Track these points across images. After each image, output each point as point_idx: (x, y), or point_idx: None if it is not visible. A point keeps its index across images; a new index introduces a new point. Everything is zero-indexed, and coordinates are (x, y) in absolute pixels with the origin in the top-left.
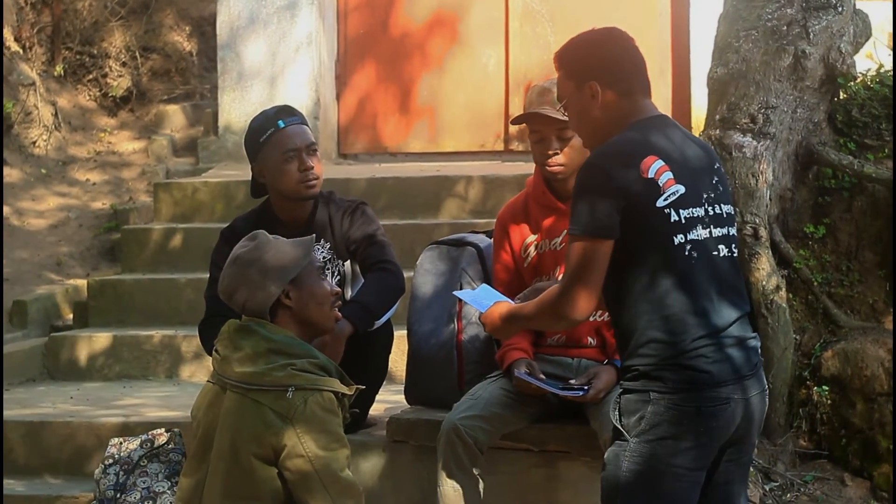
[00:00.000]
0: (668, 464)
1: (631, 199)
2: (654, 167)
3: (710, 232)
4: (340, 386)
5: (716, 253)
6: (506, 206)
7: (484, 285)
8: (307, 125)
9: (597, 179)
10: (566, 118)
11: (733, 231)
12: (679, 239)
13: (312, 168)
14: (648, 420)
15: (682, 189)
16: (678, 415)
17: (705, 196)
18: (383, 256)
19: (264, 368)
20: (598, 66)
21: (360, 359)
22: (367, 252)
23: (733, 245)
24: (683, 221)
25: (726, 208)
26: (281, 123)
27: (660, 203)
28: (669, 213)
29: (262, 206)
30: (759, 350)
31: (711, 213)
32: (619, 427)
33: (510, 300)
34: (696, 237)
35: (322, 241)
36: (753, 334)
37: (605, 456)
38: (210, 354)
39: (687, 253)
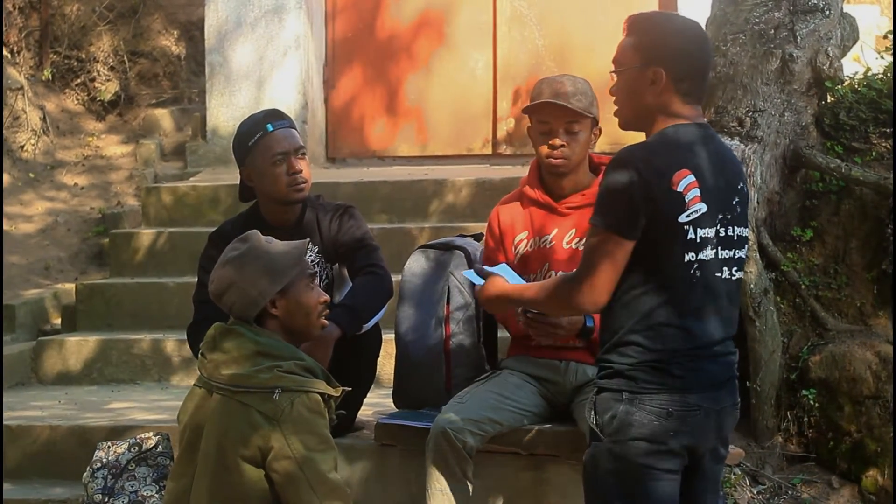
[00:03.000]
0: (641, 464)
1: (656, 208)
2: (685, 182)
3: (717, 253)
4: (327, 388)
5: (718, 274)
6: (500, 202)
7: (503, 265)
8: (295, 129)
9: (629, 179)
10: (578, 110)
11: (741, 254)
12: (689, 256)
13: (301, 171)
14: (620, 419)
15: (704, 208)
16: (648, 415)
17: (720, 217)
18: (372, 260)
19: (251, 370)
20: (672, 57)
21: (349, 362)
22: (356, 256)
23: (736, 268)
24: (699, 240)
25: (739, 230)
26: (269, 127)
27: (682, 219)
28: (688, 230)
29: (251, 210)
30: (737, 365)
31: (723, 234)
32: (594, 426)
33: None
34: (704, 257)
35: (310, 245)
36: (734, 350)
37: (584, 457)
38: (198, 358)
39: (692, 271)
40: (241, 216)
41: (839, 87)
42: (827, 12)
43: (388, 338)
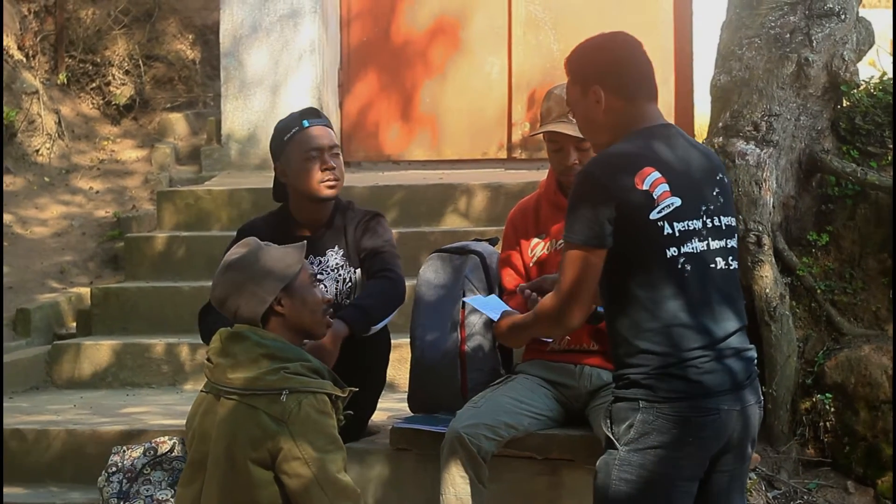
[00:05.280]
0: (657, 473)
1: (624, 210)
2: (650, 179)
3: (708, 244)
4: (333, 388)
5: (713, 266)
6: (516, 206)
7: (493, 296)
8: (332, 128)
9: (591, 189)
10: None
11: (733, 243)
12: (672, 252)
13: (334, 169)
14: (637, 428)
15: (677, 201)
16: (667, 423)
17: (704, 208)
18: (387, 265)
19: (257, 373)
20: (602, 71)
21: (358, 366)
22: (374, 260)
23: (731, 257)
24: (677, 234)
25: (726, 220)
26: (305, 123)
27: (653, 216)
28: (663, 226)
29: (281, 209)
30: (756, 361)
31: (710, 225)
32: (610, 435)
33: (516, 311)
34: (692, 250)
35: (336, 248)
36: (750, 346)
37: (597, 464)
38: (206, 341)
39: (680, 266)
40: (270, 213)
41: (855, 91)
42: (842, 16)
43: (404, 342)
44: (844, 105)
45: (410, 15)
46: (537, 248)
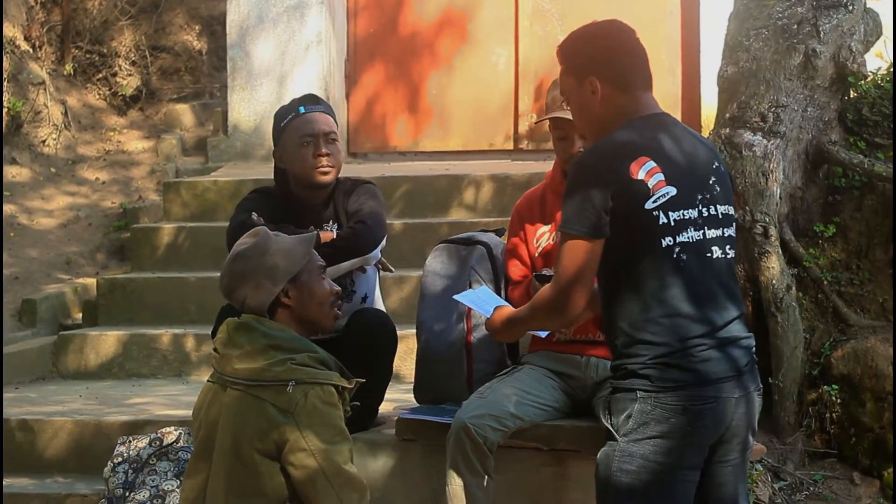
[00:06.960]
0: (658, 463)
1: (619, 200)
2: (645, 168)
3: (704, 233)
4: (340, 379)
5: (709, 255)
6: (523, 196)
7: (483, 287)
8: (331, 115)
9: (586, 179)
10: None
11: (730, 232)
12: (667, 241)
13: (328, 155)
14: (636, 419)
15: (673, 191)
16: (665, 413)
17: (699, 197)
18: (359, 218)
19: (264, 364)
20: (598, 61)
21: (365, 357)
22: (352, 216)
23: (729, 246)
24: (673, 224)
25: (723, 209)
26: (301, 109)
27: (648, 205)
28: (658, 216)
29: (286, 188)
30: (754, 349)
31: (706, 214)
32: (609, 427)
33: (508, 304)
34: (687, 239)
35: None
36: (748, 334)
37: (598, 456)
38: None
39: (676, 255)
40: (278, 185)
41: (862, 82)
42: (850, 7)
43: (410, 333)
44: (852, 96)
45: (418, 6)
46: (543, 237)
